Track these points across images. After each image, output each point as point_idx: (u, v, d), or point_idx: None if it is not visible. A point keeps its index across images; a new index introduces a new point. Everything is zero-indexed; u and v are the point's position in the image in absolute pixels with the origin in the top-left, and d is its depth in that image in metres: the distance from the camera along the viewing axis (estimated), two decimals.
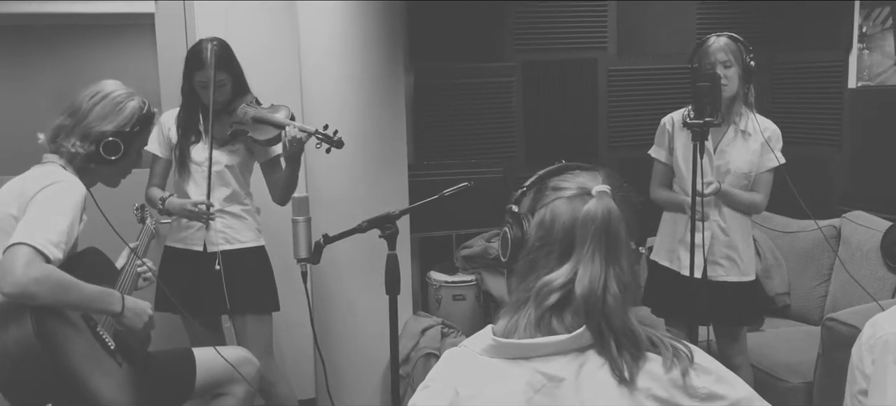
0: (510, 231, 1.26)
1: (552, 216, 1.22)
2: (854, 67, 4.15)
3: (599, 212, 1.19)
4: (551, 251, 1.21)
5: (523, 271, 1.24)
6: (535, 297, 1.19)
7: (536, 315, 1.18)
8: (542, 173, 1.30)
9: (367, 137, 3.41)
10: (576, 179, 1.26)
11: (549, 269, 1.20)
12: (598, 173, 1.28)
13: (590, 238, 1.18)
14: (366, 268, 3.35)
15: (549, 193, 1.25)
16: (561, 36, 4.35)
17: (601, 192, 1.22)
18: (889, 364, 1.68)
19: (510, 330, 1.20)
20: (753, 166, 2.93)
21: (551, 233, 1.22)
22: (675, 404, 1.17)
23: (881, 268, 3.56)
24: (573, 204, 1.22)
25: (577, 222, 1.20)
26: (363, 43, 3.38)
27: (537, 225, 1.23)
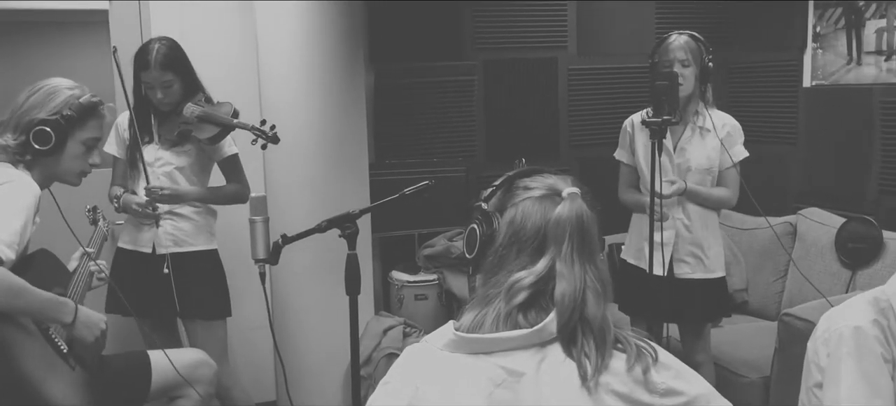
0: (479, 228, 1.27)
1: (522, 215, 1.24)
2: (808, 67, 4.22)
3: (574, 213, 1.22)
4: (522, 250, 1.23)
5: (491, 268, 1.25)
6: (506, 294, 1.20)
7: (506, 311, 1.19)
8: (510, 174, 1.32)
9: (326, 137, 3.38)
10: (545, 181, 1.28)
11: (520, 266, 1.22)
12: (566, 176, 1.30)
13: (567, 239, 1.20)
14: (326, 268, 3.32)
15: (518, 193, 1.27)
16: (521, 35, 4.37)
17: (572, 194, 1.24)
18: (843, 356, 1.70)
19: (476, 325, 1.20)
20: (713, 162, 2.97)
21: (522, 232, 1.23)
22: (635, 400, 1.18)
23: (835, 263, 3.62)
24: (543, 204, 1.24)
25: (549, 222, 1.22)
26: (322, 42, 3.35)
27: (507, 223, 1.25)
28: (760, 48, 4.46)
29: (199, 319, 2.97)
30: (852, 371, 1.68)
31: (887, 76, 3.79)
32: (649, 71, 2.98)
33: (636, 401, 1.17)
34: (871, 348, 1.68)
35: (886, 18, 3.77)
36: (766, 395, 3.20)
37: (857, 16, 3.91)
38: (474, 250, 1.28)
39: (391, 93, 4.14)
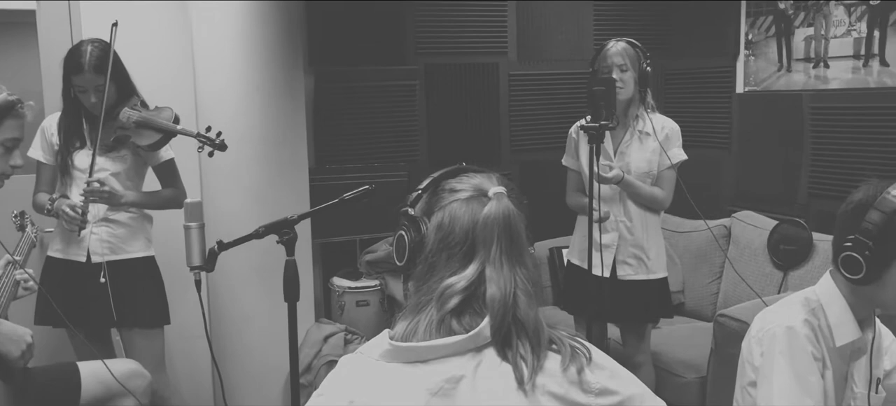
0: (407, 235, 1.25)
1: (451, 219, 1.22)
2: (741, 73, 4.33)
3: (500, 213, 1.20)
4: (452, 255, 1.21)
5: (422, 275, 1.23)
6: (438, 300, 1.18)
7: (438, 317, 1.17)
8: (436, 176, 1.29)
9: (265, 141, 3.33)
10: (471, 181, 1.26)
11: (451, 271, 1.20)
12: (491, 174, 1.28)
13: (495, 240, 1.19)
14: (264, 275, 3.27)
15: (445, 196, 1.25)
16: (463, 40, 4.38)
17: (498, 194, 1.22)
18: (776, 356, 1.74)
19: (410, 333, 1.18)
20: (652, 165, 3.01)
21: (451, 236, 1.21)
22: (571, 400, 1.17)
23: (768, 264, 3.72)
24: (471, 206, 1.22)
25: (478, 225, 1.20)
26: (260, 44, 3.29)
27: (436, 228, 1.23)
28: (695, 54, 4.56)
29: (137, 328, 2.89)
30: (784, 370, 1.73)
31: (815, 82, 3.91)
32: (589, 77, 3.02)
33: (571, 401, 1.17)
34: (803, 347, 1.73)
35: (814, 27, 3.90)
36: (703, 395, 3.26)
37: (786, 24, 4.03)
38: (404, 257, 1.25)
39: (332, 96, 4.10)
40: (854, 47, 3.72)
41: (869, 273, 1.69)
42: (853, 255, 1.70)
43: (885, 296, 1.73)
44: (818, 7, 3.86)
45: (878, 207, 1.67)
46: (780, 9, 4.05)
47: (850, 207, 1.74)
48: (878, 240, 1.66)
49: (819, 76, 3.89)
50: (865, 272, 1.69)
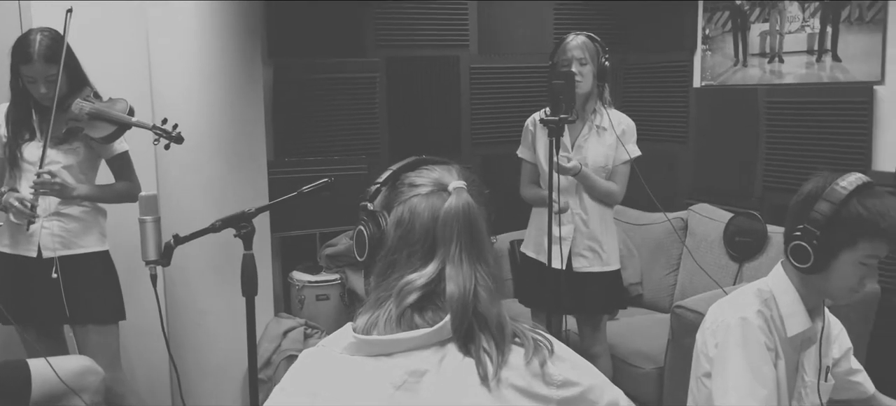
0: (367, 230, 1.23)
1: (411, 214, 1.21)
2: (698, 68, 4.39)
3: (460, 208, 1.19)
4: (413, 252, 1.20)
5: (383, 270, 1.22)
6: (397, 296, 1.17)
7: (397, 312, 1.17)
8: (395, 169, 1.28)
9: (222, 134, 3.28)
10: (430, 175, 1.25)
11: (411, 268, 1.19)
12: (451, 167, 1.27)
13: (455, 237, 1.18)
14: (222, 270, 3.23)
15: (404, 190, 1.24)
16: (423, 33, 4.37)
17: (458, 188, 1.21)
18: (730, 347, 1.77)
19: (369, 327, 1.17)
20: (609, 160, 3.05)
21: (412, 232, 1.20)
22: (534, 393, 1.18)
23: (724, 256, 3.78)
24: (431, 201, 1.21)
25: (438, 221, 1.19)
26: (217, 35, 3.25)
27: (396, 224, 1.22)
28: (653, 49, 4.61)
29: (91, 324, 2.84)
30: (738, 361, 1.76)
31: (771, 77, 3.98)
32: (549, 71, 3.04)
33: (535, 394, 1.18)
34: (756, 338, 1.76)
35: (769, 23, 3.96)
36: (661, 385, 3.30)
37: (742, 19, 4.10)
38: (365, 253, 1.24)
39: (291, 89, 4.06)
40: (808, 43, 3.79)
41: (817, 262, 1.73)
42: (802, 245, 1.74)
43: (833, 285, 1.78)
44: (773, 3, 3.93)
45: (826, 198, 1.71)
46: (737, 4, 4.11)
47: (801, 198, 1.78)
48: (826, 230, 1.70)
49: (774, 71, 3.96)
50: (813, 261, 1.73)
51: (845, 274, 1.74)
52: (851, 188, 1.70)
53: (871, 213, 1.68)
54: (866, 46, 3.52)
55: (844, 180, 1.72)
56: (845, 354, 2.03)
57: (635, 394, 3.33)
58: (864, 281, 1.75)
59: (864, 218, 1.68)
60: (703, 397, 1.87)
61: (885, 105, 3.47)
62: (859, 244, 1.71)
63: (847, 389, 2.08)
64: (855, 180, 1.72)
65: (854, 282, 1.75)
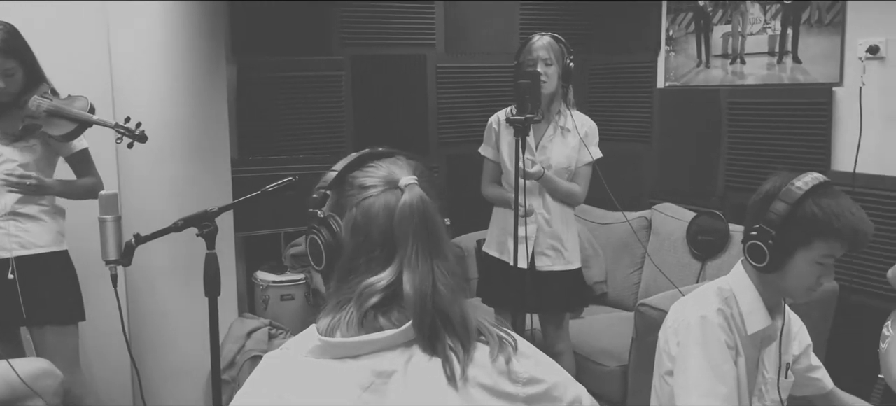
0: (320, 238, 1.19)
1: (366, 218, 1.17)
2: (662, 68, 4.43)
3: (414, 205, 1.16)
4: (372, 257, 1.17)
5: (343, 275, 1.19)
6: (358, 299, 1.15)
7: (359, 315, 1.14)
8: (340, 169, 1.23)
9: (185, 132, 3.24)
10: (378, 172, 1.21)
11: (372, 272, 1.16)
12: (397, 159, 1.24)
13: (410, 236, 1.15)
14: (185, 269, 3.19)
15: (354, 192, 1.20)
16: (389, 31, 4.35)
17: (410, 184, 1.18)
18: (691, 345, 1.79)
19: (332, 329, 1.15)
20: (572, 161, 3.07)
21: (369, 236, 1.17)
22: (501, 391, 1.17)
23: (687, 255, 3.83)
24: (384, 200, 1.18)
25: (394, 221, 1.16)
26: (180, 32, 3.20)
27: (351, 229, 1.18)
28: (618, 50, 4.64)
29: (49, 325, 2.78)
30: (699, 359, 1.77)
31: (733, 78, 4.03)
32: (514, 71, 3.05)
33: (501, 392, 1.17)
34: (716, 337, 1.78)
35: (732, 24, 4.02)
36: (625, 383, 3.33)
37: (705, 21, 4.15)
38: (322, 262, 1.21)
39: (255, 87, 4.02)
40: (769, 44, 3.85)
41: (773, 262, 1.75)
42: (758, 244, 1.76)
43: (790, 284, 1.80)
44: (736, 5, 3.98)
45: (782, 198, 1.73)
46: (700, 6, 4.16)
47: (758, 198, 1.80)
48: (782, 229, 1.72)
49: (736, 72, 4.02)
50: (769, 261, 1.75)
51: (802, 273, 1.76)
52: (807, 188, 1.72)
53: (826, 213, 1.70)
54: (825, 48, 3.58)
55: (800, 180, 1.74)
56: (805, 351, 2.07)
57: (600, 392, 3.36)
58: (821, 280, 1.77)
59: (819, 218, 1.70)
60: (665, 395, 1.88)
61: (843, 106, 3.54)
62: (814, 244, 1.73)
63: (806, 385, 2.11)
64: (811, 180, 1.73)
65: (811, 281, 1.77)
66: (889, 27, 3.33)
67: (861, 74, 3.39)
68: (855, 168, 3.43)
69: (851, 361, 3.07)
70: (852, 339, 3.36)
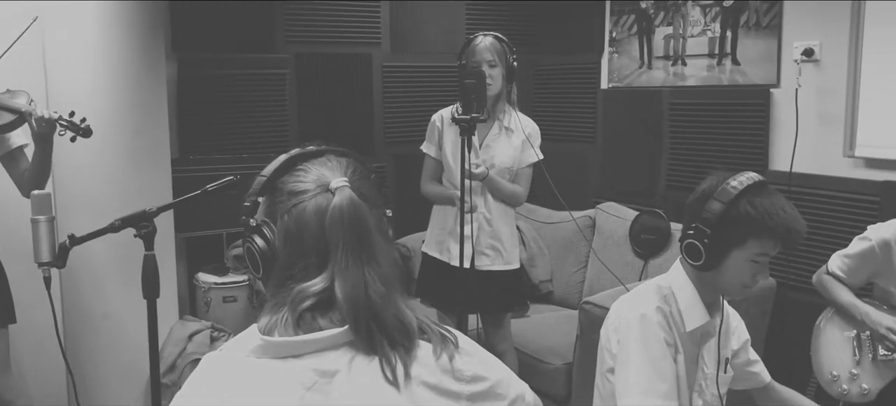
0: (254, 246, 1.17)
1: (298, 225, 1.16)
2: (606, 69, 4.49)
3: (343, 209, 1.14)
4: (307, 264, 1.15)
5: (280, 281, 1.17)
6: (292, 303, 1.13)
7: (293, 318, 1.13)
8: (270, 174, 1.21)
9: (123, 129, 3.16)
10: (309, 175, 1.19)
11: (307, 278, 1.15)
12: (328, 158, 1.22)
13: (340, 241, 1.13)
14: (124, 271, 3.11)
15: (285, 198, 1.18)
16: (335, 29, 4.32)
17: (340, 187, 1.16)
18: (631, 343, 1.81)
19: (270, 329, 1.13)
20: (516, 161, 3.09)
21: (301, 243, 1.15)
22: (444, 389, 1.17)
23: (630, 253, 3.88)
24: (316, 204, 1.16)
25: (326, 227, 1.14)
26: (117, 26, 3.13)
27: (284, 238, 1.16)
28: (563, 51, 4.69)
29: None
30: (639, 357, 1.79)
31: (674, 79, 4.11)
32: (458, 70, 3.06)
33: (445, 390, 1.17)
34: (656, 334, 1.80)
35: (673, 26, 4.09)
36: (570, 381, 3.36)
37: (647, 23, 4.21)
38: (260, 270, 1.18)
39: (196, 84, 3.94)
40: (709, 46, 3.93)
41: (708, 260, 1.78)
42: (694, 243, 1.79)
43: (725, 282, 1.84)
44: (677, 7, 4.06)
45: (717, 198, 1.76)
46: (642, 8, 4.23)
47: (696, 197, 1.83)
48: (717, 228, 1.75)
49: (677, 73, 4.09)
50: (705, 259, 1.78)
51: (737, 271, 1.80)
52: (741, 188, 1.75)
53: (760, 213, 1.73)
54: (763, 51, 3.67)
55: (736, 180, 1.77)
56: (743, 346, 2.11)
57: (545, 390, 3.39)
58: (756, 277, 1.81)
59: (753, 217, 1.73)
60: (607, 393, 1.90)
61: (780, 107, 3.63)
62: (748, 242, 1.76)
63: (745, 380, 2.16)
64: (746, 180, 1.77)
65: (746, 278, 1.81)
66: (823, 30, 3.43)
67: (797, 76, 3.48)
68: (791, 167, 3.53)
69: (788, 355, 3.16)
70: (789, 333, 3.45)
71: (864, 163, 3.35)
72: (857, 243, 2.77)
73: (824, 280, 2.86)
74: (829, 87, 3.43)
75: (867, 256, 2.72)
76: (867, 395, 2.68)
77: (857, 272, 2.77)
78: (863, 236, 2.75)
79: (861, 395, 2.69)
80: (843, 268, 2.80)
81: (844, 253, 2.81)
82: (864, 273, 2.77)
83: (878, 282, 2.75)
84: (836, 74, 3.40)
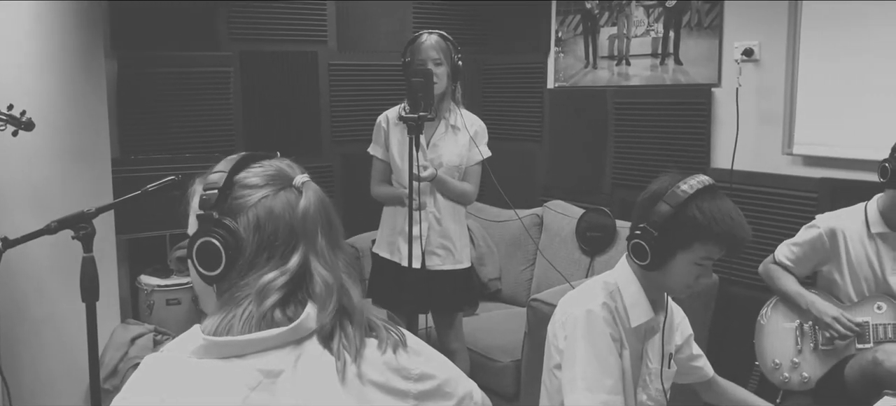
0: (220, 240, 1.15)
1: (268, 216, 1.17)
2: (552, 69, 4.53)
3: (317, 202, 1.19)
4: (273, 254, 1.16)
5: (242, 273, 1.16)
6: (257, 297, 1.13)
7: (259, 313, 1.12)
8: (228, 171, 1.20)
9: (60, 129, 3.07)
10: (266, 172, 1.21)
11: (271, 268, 1.15)
12: (280, 159, 1.25)
13: (319, 233, 1.17)
14: (62, 274, 3.01)
15: (246, 193, 1.18)
16: (280, 27, 4.27)
17: (306, 182, 1.20)
18: (578, 338, 1.83)
19: (224, 329, 1.12)
20: (463, 159, 3.09)
21: (274, 234, 1.16)
22: (392, 387, 1.18)
23: (577, 250, 3.93)
24: (283, 198, 1.18)
25: (297, 219, 1.17)
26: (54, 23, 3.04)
27: (254, 228, 1.16)
28: (510, 51, 4.71)
29: None
30: (585, 352, 1.81)
31: (618, 79, 4.16)
32: (403, 69, 3.05)
33: (393, 388, 1.18)
34: (602, 330, 1.82)
35: (617, 27, 4.14)
36: (519, 378, 3.38)
37: (592, 23, 4.26)
38: (220, 265, 1.16)
39: (137, 83, 3.85)
40: (652, 46, 3.99)
41: (654, 261, 1.81)
42: (640, 243, 1.81)
43: (670, 282, 1.87)
44: (621, 8, 4.11)
45: (666, 200, 1.78)
46: (587, 8, 4.28)
47: (646, 197, 1.85)
48: (664, 230, 1.78)
49: (621, 73, 4.15)
50: (651, 260, 1.80)
51: (681, 272, 1.83)
52: (691, 192, 1.77)
53: (706, 218, 1.75)
54: (704, 51, 3.75)
55: (686, 183, 1.79)
56: (687, 341, 2.15)
57: (494, 387, 3.40)
58: (700, 279, 1.84)
59: (699, 222, 1.76)
60: (554, 388, 1.92)
61: (721, 106, 3.71)
62: (694, 246, 1.79)
63: (688, 374, 2.20)
64: (696, 184, 1.78)
65: (689, 280, 1.84)
66: (763, 31, 3.51)
67: (737, 76, 3.56)
68: (733, 165, 3.61)
69: (731, 349, 3.22)
70: (732, 328, 3.53)
71: (803, 160, 3.45)
72: (805, 232, 2.85)
73: (771, 269, 2.93)
74: (769, 87, 3.51)
75: (815, 244, 2.79)
76: (807, 382, 2.76)
77: (804, 261, 2.85)
78: (811, 224, 2.83)
79: (801, 383, 2.77)
80: (791, 256, 2.87)
81: (792, 242, 2.88)
82: (811, 262, 2.84)
83: (824, 270, 2.83)
84: (774, 74, 3.48)
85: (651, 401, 1.97)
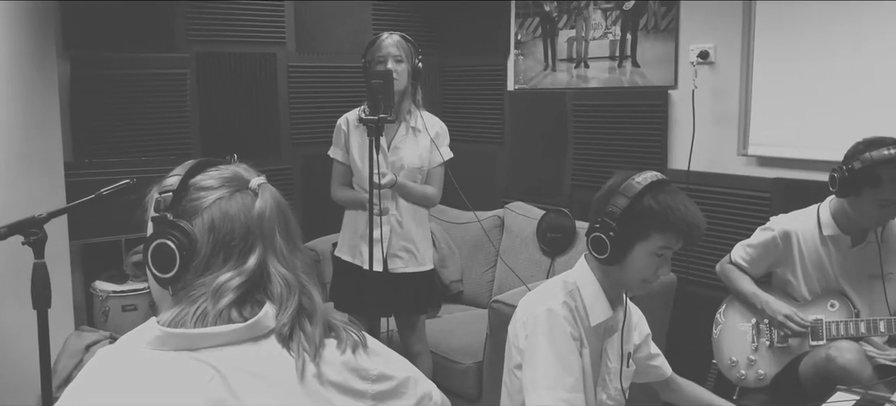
0: (175, 241, 1.15)
1: (223, 218, 1.17)
2: (512, 71, 4.55)
3: (274, 203, 1.20)
4: (229, 256, 1.16)
5: (197, 273, 1.16)
6: (213, 296, 1.13)
7: (214, 312, 1.11)
8: (183, 175, 1.20)
9: (9, 131, 3.01)
10: (221, 175, 1.22)
11: (228, 268, 1.15)
12: (237, 164, 1.25)
13: (277, 233, 1.18)
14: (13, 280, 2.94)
15: (202, 195, 1.18)
16: (237, 28, 4.22)
17: (262, 184, 1.21)
18: (538, 337, 1.84)
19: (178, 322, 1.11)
20: (424, 161, 3.08)
21: (230, 234, 1.16)
22: (350, 388, 1.18)
23: (537, 251, 3.95)
24: (239, 201, 1.19)
25: (254, 221, 1.17)
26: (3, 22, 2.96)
27: (209, 229, 1.16)
28: (470, 53, 4.72)
29: None
30: (546, 351, 1.82)
31: (577, 81, 4.20)
32: (363, 70, 3.04)
33: (350, 389, 1.18)
34: (562, 329, 1.84)
35: (576, 29, 4.18)
36: (480, 379, 3.39)
37: (551, 26, 4.29)
38: (175, 266, 1.15)
39: (91, 85, 3.77)
40: (610, 49, 4.03)
41: (613, 253, 1.83)
42: (600, 236, 1.84)
43: (629, 276, 1.89)
44: (579, 10, 4.15)
45: (622, 193, 1.83)
46: (546, 11, 4.30)
47: (602, 193, 1.89)
48: (622, 222, 1.81)
49: (580, 75, 4.18)
50: (610, 252, 1.83)
51: (640, 265, 1.86)
52: (646, 183, 1.82)
53: (662, 207, 1.80)
54: (661, 53, 3.80)
55: (640, 176, 1.84)
56: (645, 340, 2.17)
57: (456, 389, 3.40)
58: (658, 272, 1.88)
59: (656, 211, 1.80)
60: (515, 388, 1.92)
61: (678, 108, 3.76)
62: (652, 236, 1.83)
63: (647, 373, 2.22)
64: (650, 177, 1.84)
65: (649, 272, 1.87)
66: (717, 34, 3.57)
67: (693, 78, 3.61)
68: (689, 166, 3.66)
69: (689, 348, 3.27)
70: (689, 327, 3.57)
71: (757, 161, 3.51)
72: (759, 234, 2.90)
73: (727, 269, 2.98)
74: (724, 89, 3.57)
75: (769, 246, 2.85)
76: (763, 379, 2.82)
77: (758, 262, 2.90)
78: (765, 227, 2.88)
79: (757, 379, 2.82)
80: (746, 257, 2.92)
81: (747, 243, 2.94)
82: (765, 263, 2.90)
83: (778, 271, 2.89)
84: (729, 76, 3.54)
85: (610, 400, 1.99)
